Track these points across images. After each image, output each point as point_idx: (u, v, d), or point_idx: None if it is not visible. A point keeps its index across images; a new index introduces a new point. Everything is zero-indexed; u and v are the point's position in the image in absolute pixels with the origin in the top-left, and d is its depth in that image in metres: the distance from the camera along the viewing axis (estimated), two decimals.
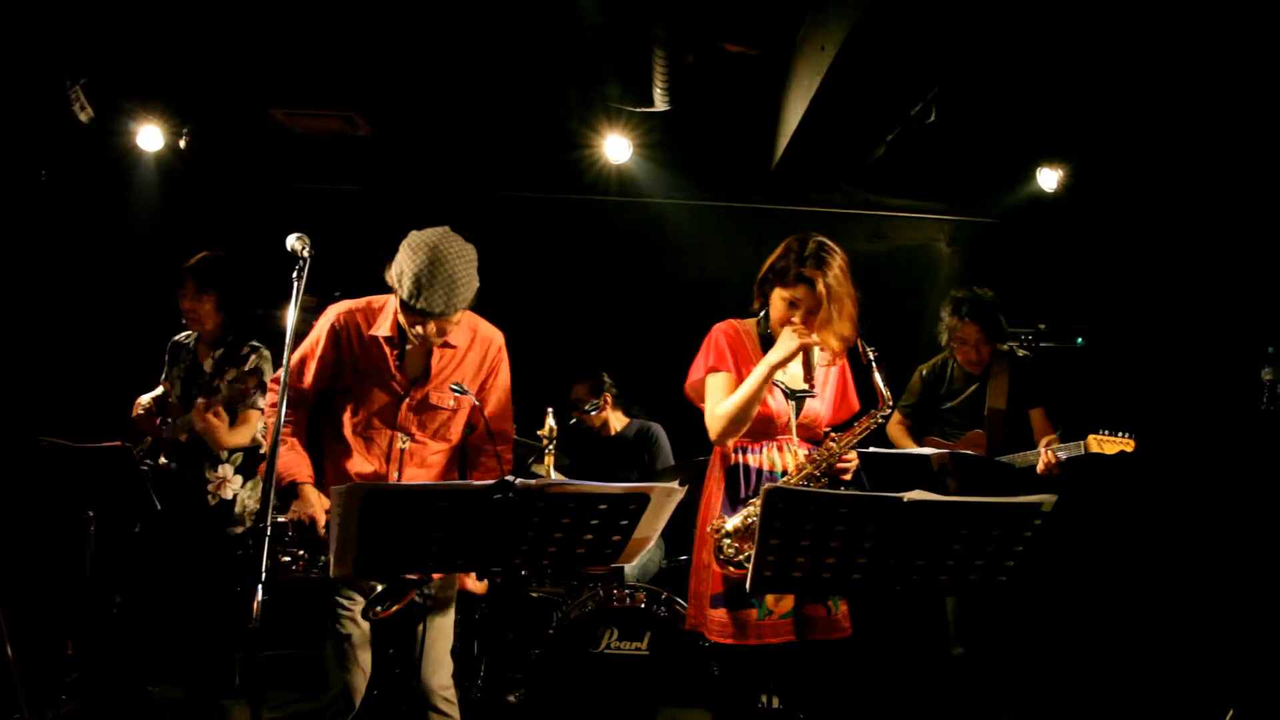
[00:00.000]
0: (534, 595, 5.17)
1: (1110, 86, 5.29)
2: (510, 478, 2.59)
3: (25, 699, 3.88)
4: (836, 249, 3.53)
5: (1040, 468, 4.77)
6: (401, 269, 3.52)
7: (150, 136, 6.10)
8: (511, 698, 4.86)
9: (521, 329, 6.63)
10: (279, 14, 5.23)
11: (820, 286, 3.44)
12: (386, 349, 3.64)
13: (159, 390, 4.91)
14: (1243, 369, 5.34)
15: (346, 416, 3.69)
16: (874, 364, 3.52)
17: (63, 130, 5.90)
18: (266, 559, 2.84)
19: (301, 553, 3.46)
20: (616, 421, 5.93)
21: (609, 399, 5.86)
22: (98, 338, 6.32)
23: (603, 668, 4.47)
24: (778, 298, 3.55)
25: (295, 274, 3.07)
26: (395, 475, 3.62)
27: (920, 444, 5.27)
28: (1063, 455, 4.76)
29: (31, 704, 4.40)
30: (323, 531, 3.43)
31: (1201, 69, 4.95)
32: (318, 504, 3.50)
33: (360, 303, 3.72)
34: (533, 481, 2.63)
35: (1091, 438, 4.70)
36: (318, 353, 3.64)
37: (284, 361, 3.07)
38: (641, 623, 4.50)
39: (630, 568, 5.08)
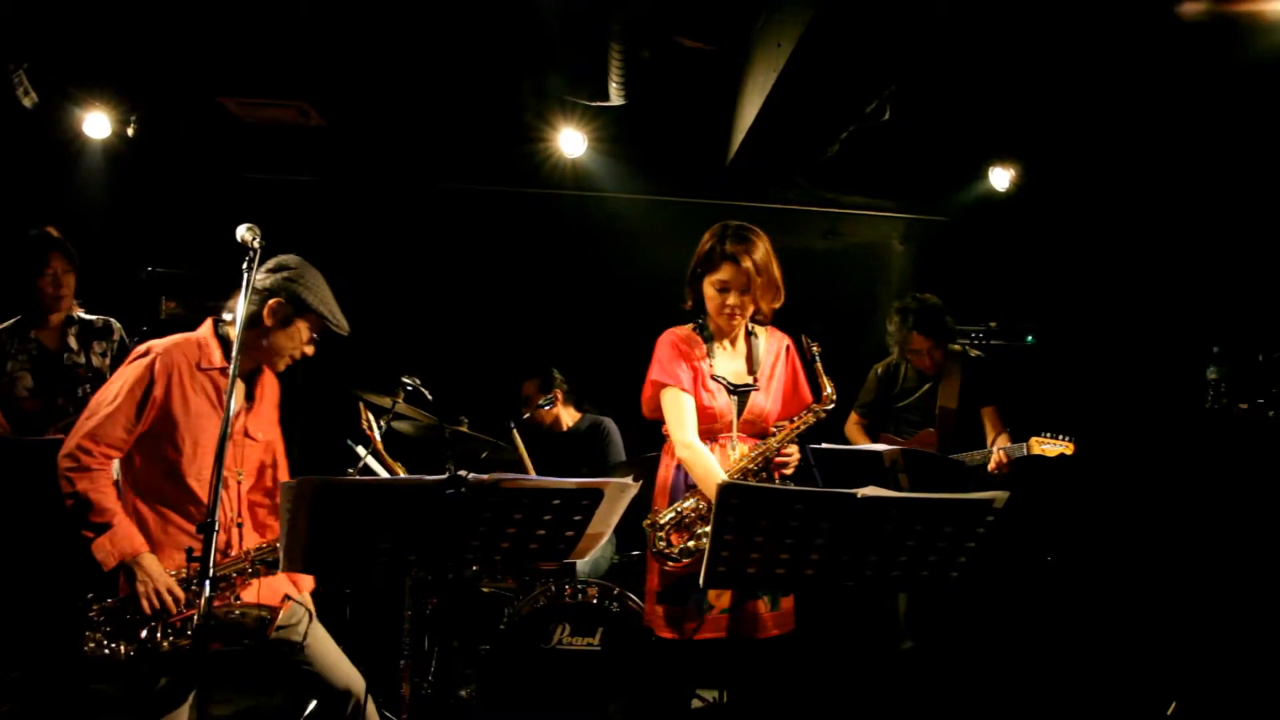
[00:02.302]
0: (485, 591, 5.14)
1: (1061, 87, 5.36)
2: (463, 472, 2.57)
3: None
4: (757, 229, 3.60)
5: (991, 466, 4.87)
6: (304, 291, 3.34)
7: (97, 124, 5.97)
8: (463, 693, 4.84)
9: (472, 324, 6.65)
10: (232, 1, 5.16)
11: (746, 262, 3.49)
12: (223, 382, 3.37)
13: None
14: (1188, 368, 5.42)
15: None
16: (817, 359, 3.58)
17: (4, 116, 5.76)
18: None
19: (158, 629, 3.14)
20: (568, 417, 5.90)
21: (560, 395, 5.83)
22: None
23: (554, 663, 4.45)
24: (708, 286, 3.57)
25: (245, 265, 3.00)
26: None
27: (875, 442, 5.31)
28: (1010, 455, 4.84)
29: None
30: (177, 608, 3.13)
31: (1148, 72, 5.03)
32: (163, 574, 3.15)
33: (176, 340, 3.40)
34: (485, 476, 2.61)
35: (1033, 440, 4.82)
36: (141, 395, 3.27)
37: (234, 356, 2.97)
38: (593, 618, 4.48)
39: (582, 563, 5.05)
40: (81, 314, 4.80)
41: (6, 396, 4.66)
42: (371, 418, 4.54)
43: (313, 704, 3.86)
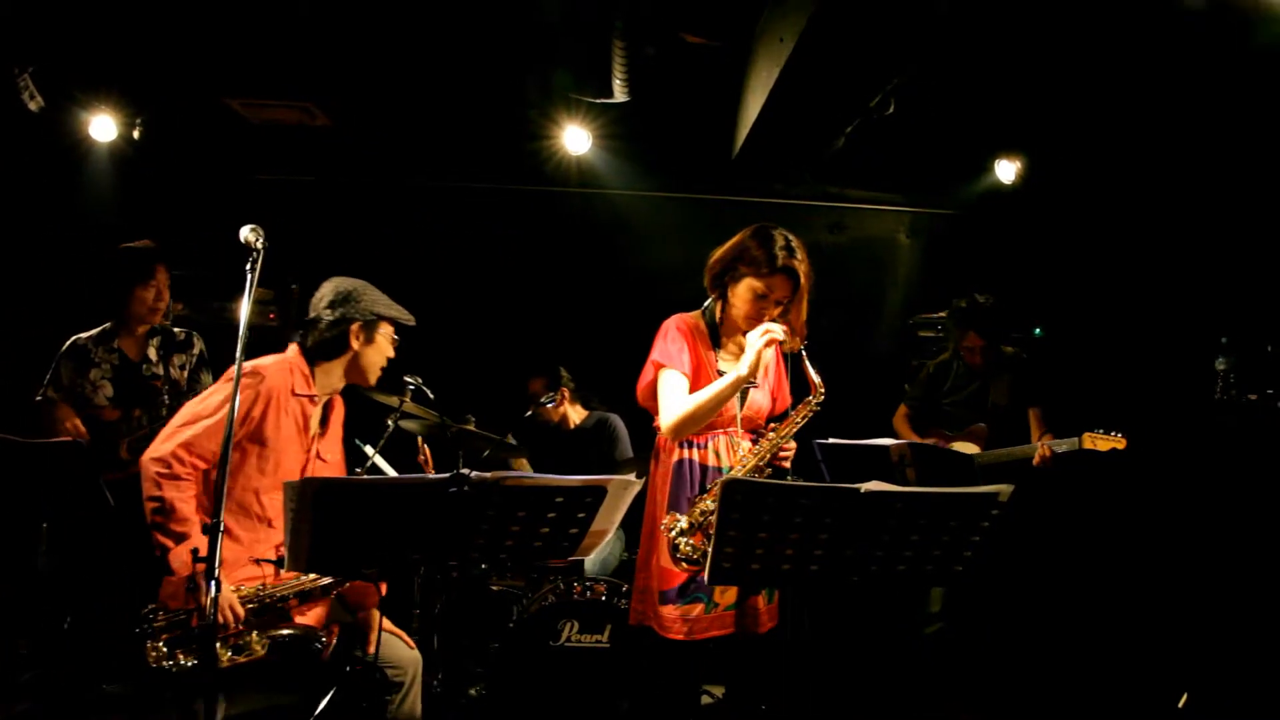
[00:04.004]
0: (494, 589, 5.15)
1: (1066, 79, 5.34)
2: (465, 471, 2.57)
3: None
4: (796, 238, 3.55)
5: (1036, 460, 4.98)
6: (375, 306, 3.57)
7: (103, 126, 5.98)
8: (472, 691, 4.85)
9: (479, 322, 6.65)
10: (236, 3, 5.16)
11: (801, 280, 3.48)
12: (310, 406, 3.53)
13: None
14: (1197, 359, 5.41)
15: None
16: (804, 353, 3.54)
17: (11, 120, 5.78)
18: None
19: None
20: (575, 415, 5.91)
21: (566, 393, 5.84)
22: (48, 332, 6.21)
23: (563, 660, 4.46)
24: (746, 288, 3.52)
25: (249, 266, 3.01)
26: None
27: (924, 436, 5.37)
28: (1059, 450, 4.89)
29: None
30: (236, 625, 3.16)
31: (1154, 63, 5.00)
32: (229, 591, 3.18)
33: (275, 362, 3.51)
34: (488, 474, 2.61)
35: (1086, 435, 4.87)
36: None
37: (237, 358, 2.99)
38: (602, 615, 4.49)
39: (590, 561, 5.07)
40: (166, 326, 4.82)
41: (87, 404, 4.69)
42: (429, 451, 4.63)
43: (325, 700, 3.85)
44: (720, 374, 3.59)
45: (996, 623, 5.29)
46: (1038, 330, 6.27)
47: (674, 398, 3.53)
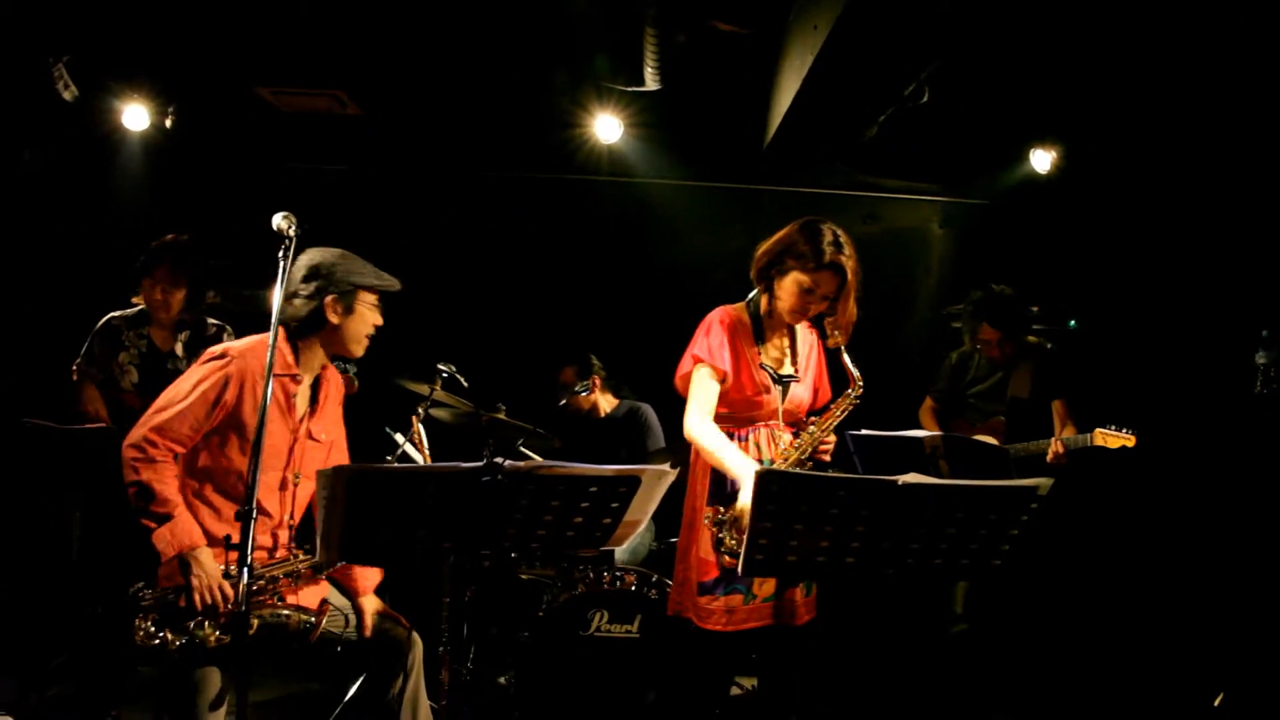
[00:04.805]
0: (524, 578, 5.14)
1: (1104, 67, 5.27)
2: (499, 459, 2.56)
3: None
4: (844, 233, 3.53)
5: (1049, 456, 4.90)
6: (350, 275, 3.45)
7: (136, 116, 6.00)
8: (502, 680, 4.85)
9: (510, 311, 6.65)
10: None
11: (849, 274, 3.45)
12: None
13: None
14: (1237, 352, 5.33)
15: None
16: (842, 347, 3.53)
17: (46, 109, 5.82)
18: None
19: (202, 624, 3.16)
20: (606, 404, 5.90)
21: (598, 381, 5.82)
22: (82, 320, 6.26)
23: (593, 650, 4.46)
24: (793, 282, 3.51)
25: (281, 254, 3.00)
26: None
27: (946, 429, 5.32)
28: (1070, 446, 4.84)
29: (19, 688, 4.39)
30: (225, 605, 3.15)
31: (1195, 50, 4.93)
32: (216, 570, 3.17)
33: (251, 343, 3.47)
34: (521, 464, 2.60)
35: (1097, 431, 4.82)
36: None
37: (269, 344, 2.99)
38: (632, 605, 4.48)
39: (620, 550, 5.06)
40: (199, 317, 4.86)
41: (114, 387, 4.72)
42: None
43: (353, 689, 3.87)
44: (762, 368, 3.58)
45: (1023, 623, 5.24)
46: (1072, 322, 6.20)
47: (702, 400, 3.53)
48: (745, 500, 3.30)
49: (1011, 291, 5.22)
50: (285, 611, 3.26)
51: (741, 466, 3.38)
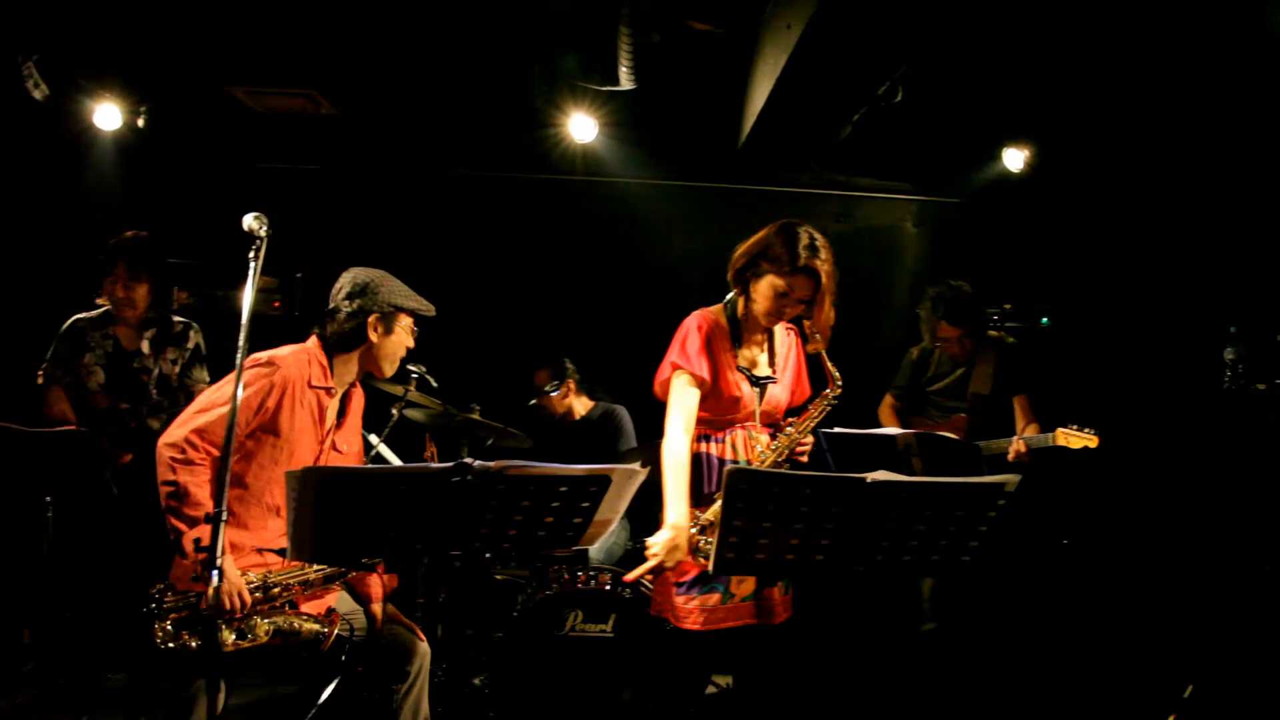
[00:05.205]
0: (498, 578, 5.14)
1: (1075, 66, 5.30)
2: (469, 460, 2.56)
3: None
4: (822, 236, 3.52)
5: (1010, 456, 4.89)
6: (394, 296, 3.57)
7: (107, 115, 5.94)
8: (476, 680, 4.84)
9: (484, 312, 6.64)
10: None
11: (824, 278, 3.44)
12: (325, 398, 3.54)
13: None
14: (1205, 348, 5.37)
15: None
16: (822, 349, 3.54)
17: (15, 108, 5.77)
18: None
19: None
20: (580, 406, 5.89)
21: (572, 384, 5.83)
22: (53, 322, 6.21)
23: (567, 650, 4.45)
24: (768, 286, 3.50)
25: (252, 254, 2.99)
26: None
27: (907, 426, 5.30)
28: (1032, 445, 4.83)
29: None
30: (242, 612, 3.18)
31: (1163, 49, 4.96)
32: (238, 577, 3.20)
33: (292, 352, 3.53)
34: (491, 464, 2.60)
35: (1059, 431, 4.80)
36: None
37: (240, 346, 2.97)
38: (606, 605, 4.48)
39: (595, 550, 5.07)
40: (165, 315, 4.82)
41: (81, 388, 4.68)
42: (434, 447, 4.64)
43: (327, 691, 3.84)
44: (739, 369, 3.58)
45: (991, 620, 5.26)
46: (1045, 320, 6.23)
47: (682, 410, 3.53)
48: (660, 537, 3.33)
49: (970, 287, 5.20)
50: (298, 620, 3.28)
51: (671, 507, 3.39)
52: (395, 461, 4.96)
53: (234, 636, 3.14)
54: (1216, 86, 5.20)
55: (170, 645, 3.09)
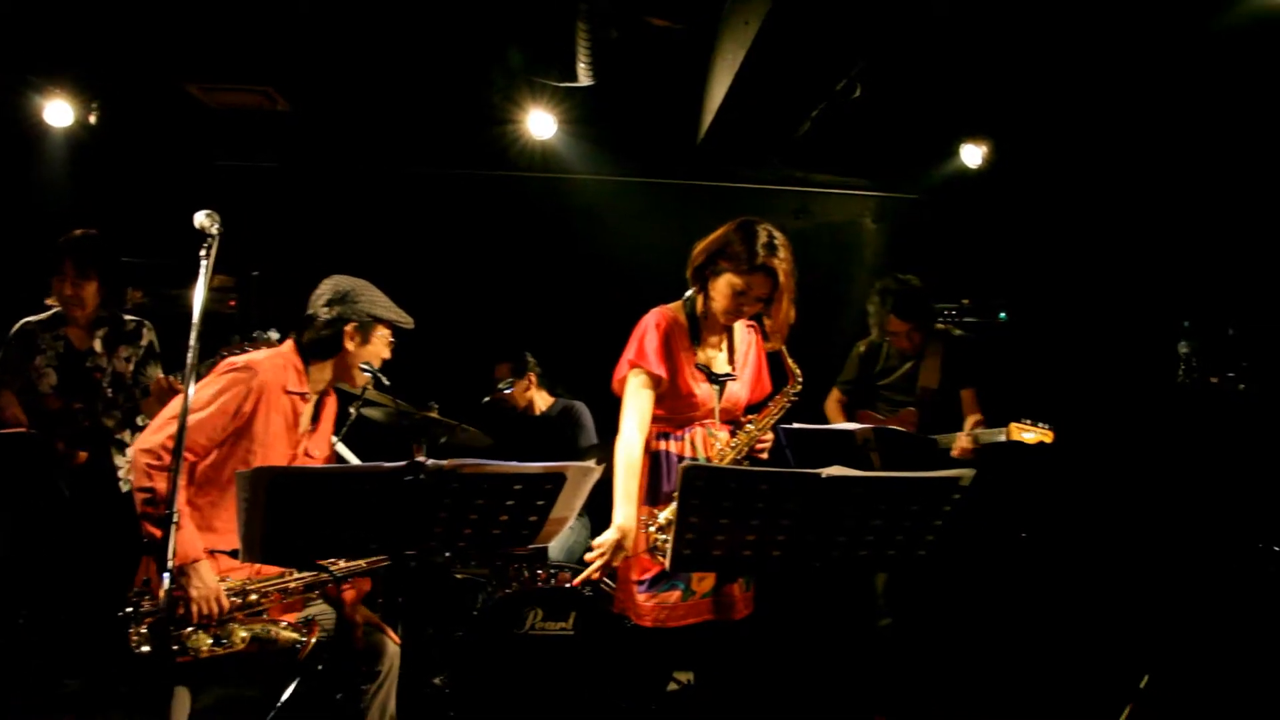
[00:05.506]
0: (459, 577, 5.11)
1: (1032, 63, 5.34)
2: (421, 458, 2.54)
3: None
4: (781, 234, 3.50)
5: (955, 452, 4.85)
6: (372, 307, 3.57)
7: (59, 111, 5.87)
8: (436, 680, 4.81)
9: (444, 309, 6.59)
10: None
11: (782, 276, 3.43)
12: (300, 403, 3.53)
13: None
14: (1161, 342, 5.44)
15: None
16: (782, 347, 3.54)
17: None
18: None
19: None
20: (541, 401, 5.88)
21: (533, 379, 5.80)
22: (3, 322, 6.14)
23: (528, 648, 4.44)
24: (726, 284, 3.48)
25: (204, 252, 2.95)
26: None
27: (854, 420, 5.30)
28: (982, 441, 4.82)
29: None
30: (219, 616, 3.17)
31: (1117, 47, 5.01)
32: (216, 582, 3.18)
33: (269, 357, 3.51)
34: (445, 462, 2.58)
35: (1013, 425, 4.79)
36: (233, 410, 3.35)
37: (191, 346, 2.93)
38: (566, 603, 4.46)
39: (556, 548, 5.05)
40: (116, 314, 4.74)
41: (32, 392, 4.61)
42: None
43: (288, 691, 3.82)
44: (698, 367, 3.58)
45: (950, 615, 5.28)
46: (1002, 315, 6.28)
47: (636, 408, 3.52)
48: (606, 537, 3.34)
49: (919, 281, 5.19)
50: (276, 628, 3.26)
51: (619, 507, 3.40)
52: (354, 461, 4.92)
53: (210, 642, 3.12)
54: (1166, 84, 5.25)
55: (146, 650, 3.06)
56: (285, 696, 3.89)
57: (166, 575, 2.64)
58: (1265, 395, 5.03)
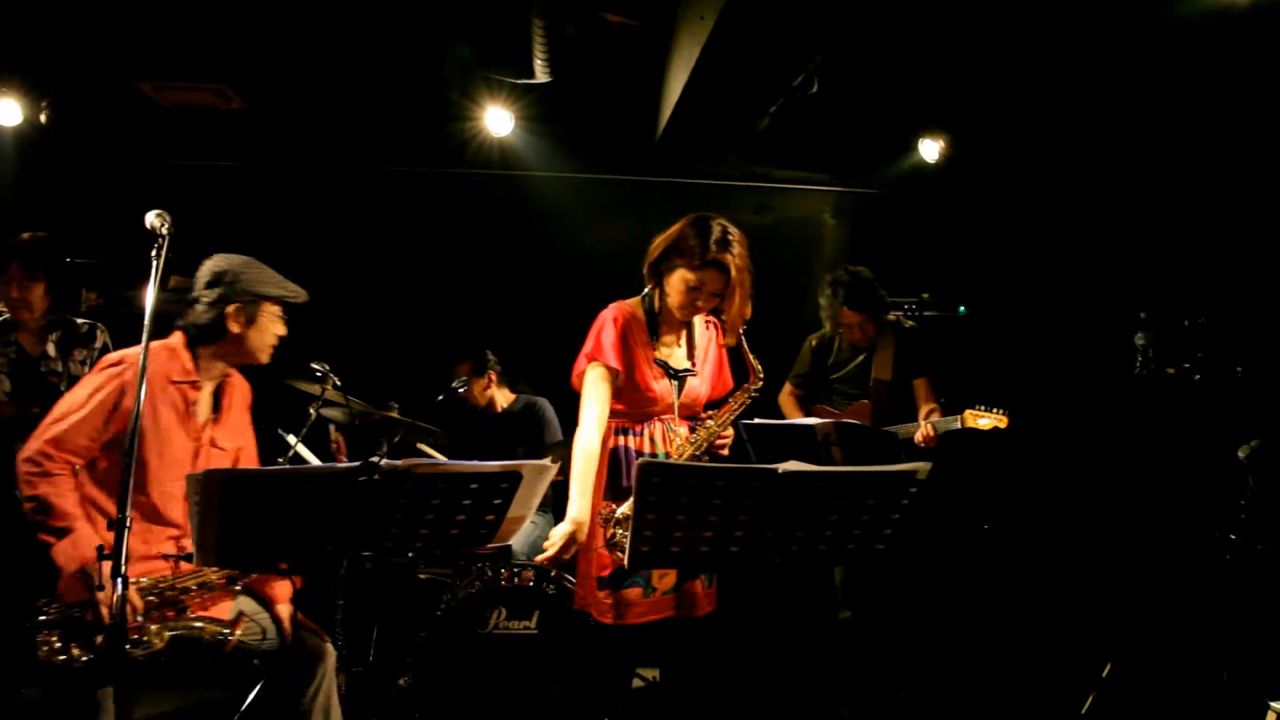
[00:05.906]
0: (422, 577, 5.09)
1: (989, 58, 5.37)
2: (375, 458, 2.52)
3: None
4: (736, 229, 3.50)
5: (918, 439, 4.89)
6: (256, 284, 3.42)
7: (7, 110, 5.79)
8: (401, 681, 4.79)
9: (404, 308, 6.57)
10: None
11: (733, 273, 3.42)
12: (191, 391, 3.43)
13: None
14: (1117, 334, 5.48)
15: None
16: (742, 338, 3.54)
17: None
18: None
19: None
20: (503, 398, 5.86)
21: (493, 377, 5.78)
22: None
23: (492, 648, 4.42)
24: (680, 280, 3.48)
25: (154, 252, 2.91)
26: None
27: (809, 414, 5.31)
28: (940, 429, 4.86)
29: None
30: (134, 617, 3.11)
31: (1073, 41, 5.05)
32: (131, 588, 3.11)
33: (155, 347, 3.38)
34: (400, 462, 2.56)
35: (968, 413, 4.83)
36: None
37: (143, 346, 2.89)
38: (529, 601, 4.45)
39: (519, 545, 5.04)
40: (68, 318, 4.68)
41: None
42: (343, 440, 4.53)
43: (251, 696, 3.78)
44: (656, 362, 3.57)
45: (911, 605, 5.31)
46: (962, 308, 6.31)
47: (594, 402, 3.52)
48: (559, 530, 3.33)
49: (870, 272, 5.20)
50: (198, 624, 3.20)
51: (574, 501, 3.39)
52: (314, 462, 4.88)
53: (128, 646, 3.05)
54: (1120, 78, 5.30)
55: (58, 659, 3.00)
56: (248, 702, 3.87)
57: (120, 580, 2.59)
58: (1220, 386, 5.08)
